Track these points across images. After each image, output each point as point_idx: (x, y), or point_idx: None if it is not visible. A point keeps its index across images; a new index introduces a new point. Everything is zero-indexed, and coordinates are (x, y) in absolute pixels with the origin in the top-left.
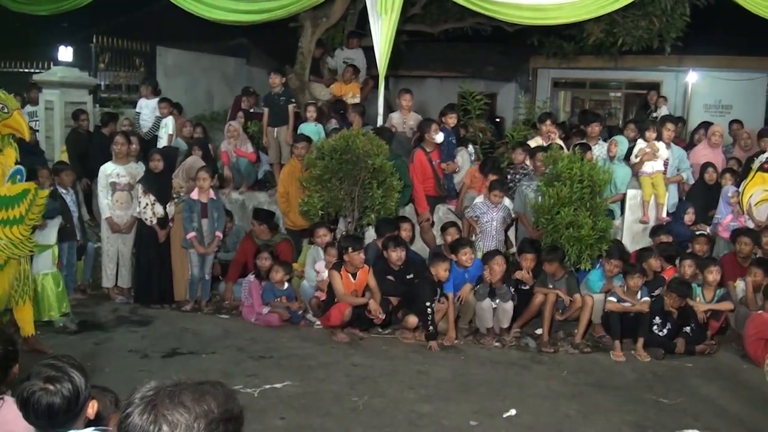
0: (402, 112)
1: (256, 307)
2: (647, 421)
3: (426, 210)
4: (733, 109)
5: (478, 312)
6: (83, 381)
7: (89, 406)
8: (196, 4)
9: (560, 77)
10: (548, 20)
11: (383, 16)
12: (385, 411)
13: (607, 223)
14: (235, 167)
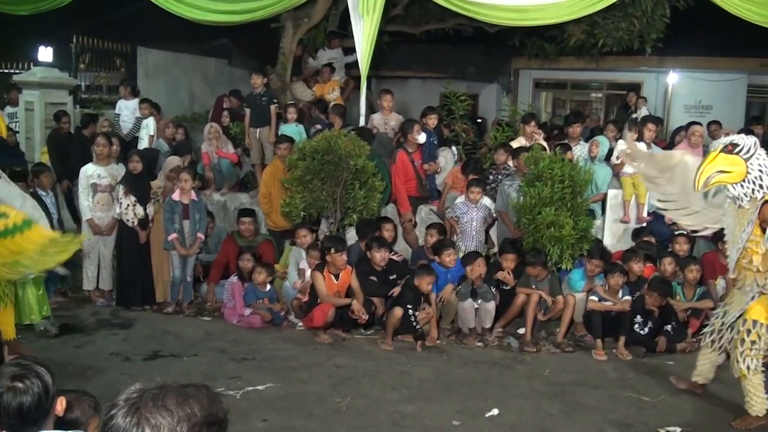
0: (383, 112)
1: (238, 308)
2: (629, 419)
3: (408, 210)
4: (713, 110)
5: (461, 312)
6: (50, 378)
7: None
8: (177, 4)
9: (542, 78)
10: (529, 21)
11: (365, 17)
12: (368, 412)
13: (588, 223)
14: (216, 168)
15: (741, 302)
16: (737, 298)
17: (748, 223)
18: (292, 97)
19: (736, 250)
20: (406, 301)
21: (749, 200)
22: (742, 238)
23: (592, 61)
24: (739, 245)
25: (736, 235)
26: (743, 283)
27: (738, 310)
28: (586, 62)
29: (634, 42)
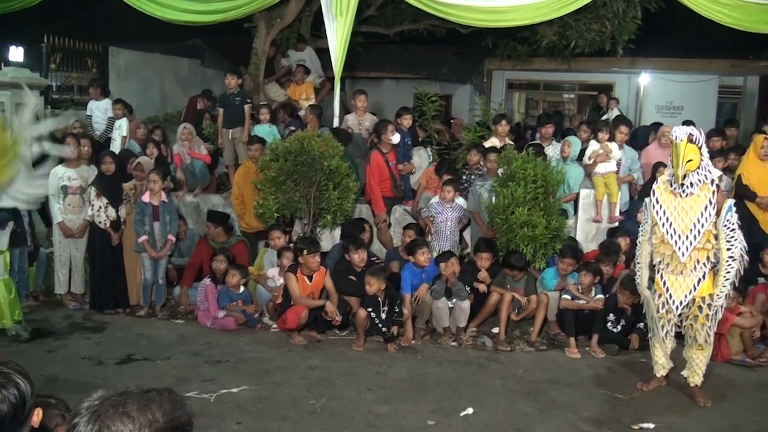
0: (357, 113)
1: (212, 311)
2: (603, 416)
3: (383, 211)
4: (685, 110)
5: (435, 311)
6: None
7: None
8: (150, 4)
9: (514, 79)
10: (502, 23)
11: (338, 18)
12: (342, 413)
13: (561, 223)
14: (188, 170)
15: (686, 285)
16: (679, 282)
17: (706, 207)
18: (265, 98)
19: (693, 235)
20: (366, 304)
21: (700, 186)
22: (701, 222)
23: (565, 63)
24: (699, 229)
25: (686, 223)
26: (691, 266)
27: (684, 293)
28: (559, 63)
29: (606, 43)
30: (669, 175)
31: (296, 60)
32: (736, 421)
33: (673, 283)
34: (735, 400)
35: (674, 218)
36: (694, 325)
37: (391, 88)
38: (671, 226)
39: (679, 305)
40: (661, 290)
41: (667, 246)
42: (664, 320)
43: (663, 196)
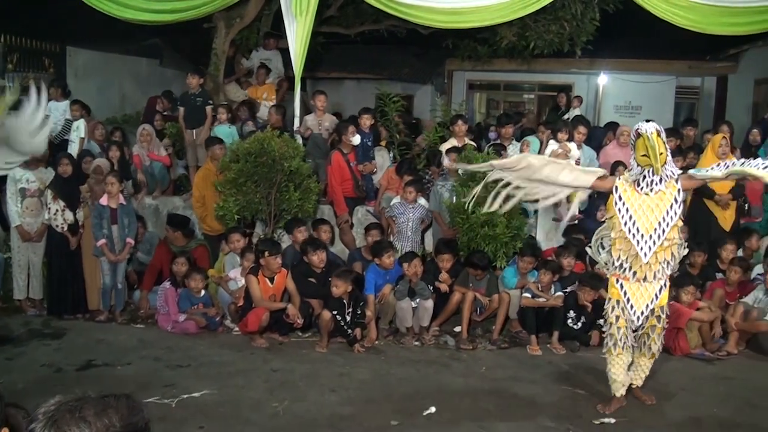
0: (317, 113)
1: (173, 315)
2: (564, 411)
3: (345, 212)
4: (643, 110)
5: (398, 311)
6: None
7: None
8: (108, 3)
9: (475, 79)
10: (461, 24)
11: (298, 18)
12: (305, 415)
13: (521, 222)
14: (148, 171)
15: (648, 294)
16: (640, 291)
17: (672, 205)
18: (225, 98)
19: (657, 235)
20: (331, 306)
21: (667, 182)
22: (666, 221)
23: (524, 63)
24: (664, 228)
25: (651, 222)
26: (656, 267)
27: (646, 302)
28: (519, 64)
29: (565, 45)
30: (635, 173)
31: (262, 59)
32: (696, 414)
33: (635, 292)
34: (695, 393)
35: (638, 217)
36: (651, 335)
37: (353, 88)
38: (634, 225)
39: (640, 315)
40: (621, 298)
41: (628, 245)
42: (623, 332)
43: (627, 193)
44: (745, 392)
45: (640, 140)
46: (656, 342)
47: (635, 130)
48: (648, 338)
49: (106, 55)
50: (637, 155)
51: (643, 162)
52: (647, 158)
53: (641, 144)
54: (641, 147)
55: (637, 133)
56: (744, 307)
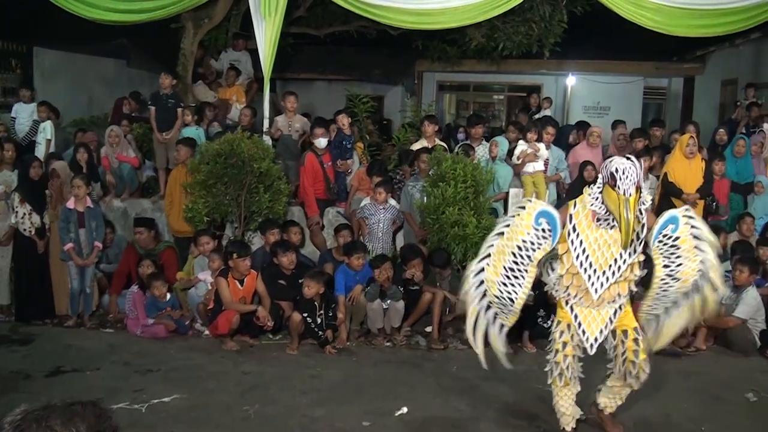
0: (287, 114)
1: (141, 319)
2: (535, 409)
3: (316, 213)
4: (611, 111)
5: (369, 313)
6: None
7: None
8: (75, 3)
9: (445, 80)
10: (430, 25)
11: (267, 18)
12: (277, 418)
13: (491, 222)
14: (116, 173)
15: (601, 318)
16: (593, 315)
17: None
18: (194, 100)
19: (612, 272)
20: (302, 308)
21: None
22: (623, 258)
23: (494, 64)
24: (620, 264)
25: (606, 258)
26: (610, 298)
27: (600, 328)
28: (488, 65)
29: (533, 46)
30: (596, 205)
31: (231, 60)
32: (666, 410)
33: (586, 316)
34: (664, 389)
35: (592, 251)
36: (637, 361)
37: (323, 89)
38: (587, 259)
39: (594, 342)
40: (571, 321)
41: (579, 280)
42: (570, 361)
43: (582, 225)
44: (713, 387)
45: (613, 193)
46: (644, 370)
47: (610, 171)
48: (634, 366)
49: (74, 56)
50: (607, 200)
51: (613, 211)
52: (616, 219)
53: (613, 197)
54: (612, 199)
55: (612, 176)
56: None
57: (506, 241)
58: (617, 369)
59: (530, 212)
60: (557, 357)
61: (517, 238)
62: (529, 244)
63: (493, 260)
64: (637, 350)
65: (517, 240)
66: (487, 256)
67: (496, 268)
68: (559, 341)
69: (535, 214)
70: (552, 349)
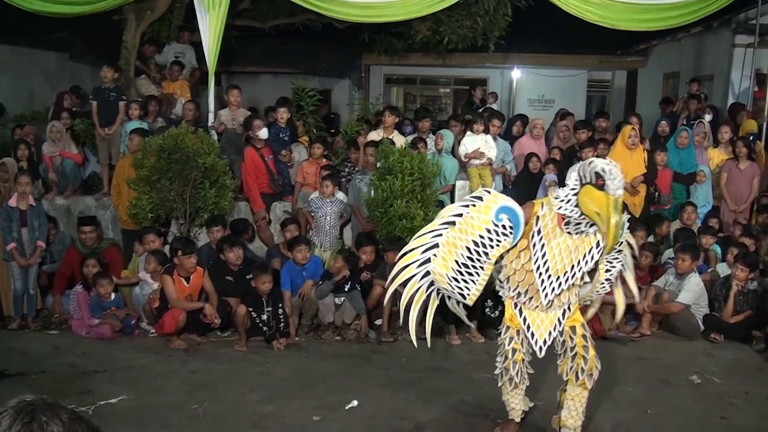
0: (231, 108)
1: (86, 319)
2: (483, 398)
3: (262, 208)
4: (556, 103)
5: (320, 307)
6: None
7: None
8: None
9: (392, 74)
10: (375, 18)
11: (210, 11)
12: (226, 416)
13: (437, 213)
14: (59, 170)
15: (549, 321)
16: (541, 318)
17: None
18: (137, 94)
19: (566, 278)
20: (248, 303)
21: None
22: (580, 266)
23: (440, 58)
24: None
25: (564, 264)
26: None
27: (549, 330)
28: (434, 59)
29: (478, 39)
30: (566, 209)
31: (175, 52)
32: (612, 393)
33: (535, 319)
34: (610, 373)
35: (551, 257)
36: (587, 357)
37: (269, 83)
38: (545, 264)
39: (543, 345)
40: (520, 326)
41: (531, 279)
42: (519, 366)
43: (548, 227)
44: (659, 371)
45: (599, 194)
46: (596, 366)
47: (595, 171)
48: (585, 362)
49: (14, 49)
50: (586, 205)
51: (591, 217)
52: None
53: (598, 198)
54: (598, 200)
55: (598, 176)
56: (656, 290)
57: (459, 233)
58: (568, 368)
59: (489, 206)
60: (506, 363)
61: (473, 233)
62: (486, 240)
63: (443, 252)
64: (586, 346)
65: (473, 235)
66: (434, 246)
67: (446, 261)
68: (509, 347)
69: (496, 210)
70: (501, 354)
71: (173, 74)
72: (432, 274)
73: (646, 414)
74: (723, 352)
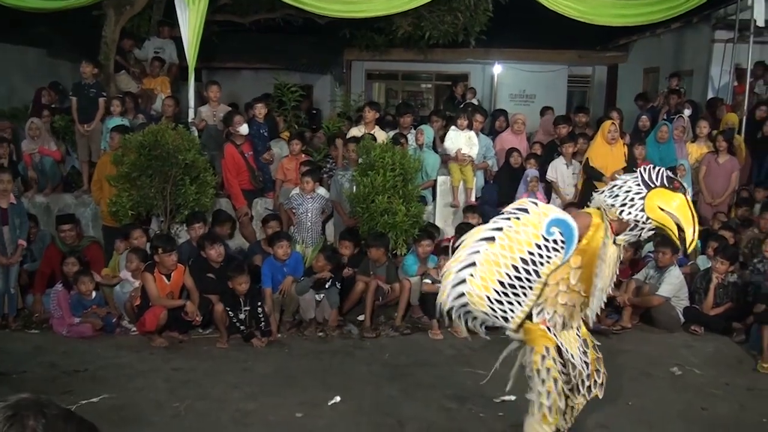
0: (211, 104)
1: (67, 318)
2: (466, 392)
3: (243, 204)
4: (537, 98)
5: (301, 303)
6: None
7: None
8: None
9: (374, 69)
10: (357, 13)
11: (190, 6)
12: (209, 413)
13: (420, 209)
14: (38, 167)
15: (573, 338)
16: (568, 336)
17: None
18: (117, 90)
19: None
20: (225, 302)
21: None
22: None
23: (421, 53)
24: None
25: (609, 276)
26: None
27: (577, 345)
28: (416, 54)
29: (459, 35)
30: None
31: (155, 48)
32: None
33: (567, 339)
34: None
35: (604, 269)
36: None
37: (250, 78)
38: (600, 278)
39: (584, 366)
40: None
41: (579, 300)
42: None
43: (607, 240)
44: (640, 363)
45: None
46: (605, 374)
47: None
48: (599, 375)
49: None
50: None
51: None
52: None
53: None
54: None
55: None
56: (636, 283)
57: (502, 250)
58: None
59: (538, 219)
60: (548, 399)
61: (521, 249)
62: (536, 257)
63: (481, 271)
64: (599, 357)
65: (521, 251)
66: (470, 265)
67: (485, 282)
68: (549, 379)
69: (547, 222)
70: (542, 391)
71: (154, 70)
72: (467, 297)
73: (628, 406)
74: (703, 344)
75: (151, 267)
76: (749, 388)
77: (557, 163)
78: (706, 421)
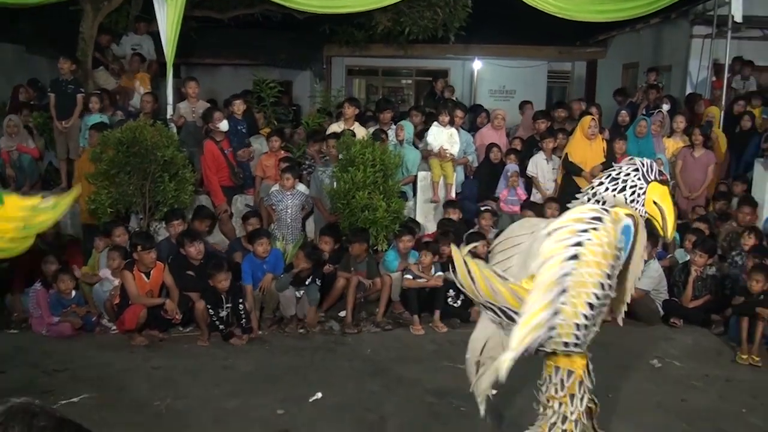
0: (189, 100)
1: (46, 317)
2: (447, 387)
3: (223, 201)
4: (517, 94)
5: (282, 300)
6: None
7: None
8: None
9: (354, 65)
10: (336, 9)
11: (168, 1)
12: (189, 412)
13: (400, 205)
14: (16, 165)
15: None
16: None
17: None
18: (95, 86)
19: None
20: (207, 300)
21: None
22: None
23: (401, 49)
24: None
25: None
26: None
27: None
28: (396, 50)
29: (439, 30)
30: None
31: (133, 44)
32: None
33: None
34: None
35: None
36: None
37: (229, 74)
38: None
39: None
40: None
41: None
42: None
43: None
44: (620, 356)
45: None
46: None
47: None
48: None
49: None
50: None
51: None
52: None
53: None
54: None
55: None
56: None
57: (587, 268)
58: None
59: (612, 227)
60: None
61: (605, 264)
62: (611, 269)
63: (572, 296)
64: None
65: (605, 267)
66: (562, 293)
67: (576, 308)
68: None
69: (621, 230)
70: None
71: (133, 66)
72: (557, 330)
73: (608, 398)
74: (683, 336)
75: (130, 265)
76: (728, 380)
77: (537, 159)
78: (685, 412)
